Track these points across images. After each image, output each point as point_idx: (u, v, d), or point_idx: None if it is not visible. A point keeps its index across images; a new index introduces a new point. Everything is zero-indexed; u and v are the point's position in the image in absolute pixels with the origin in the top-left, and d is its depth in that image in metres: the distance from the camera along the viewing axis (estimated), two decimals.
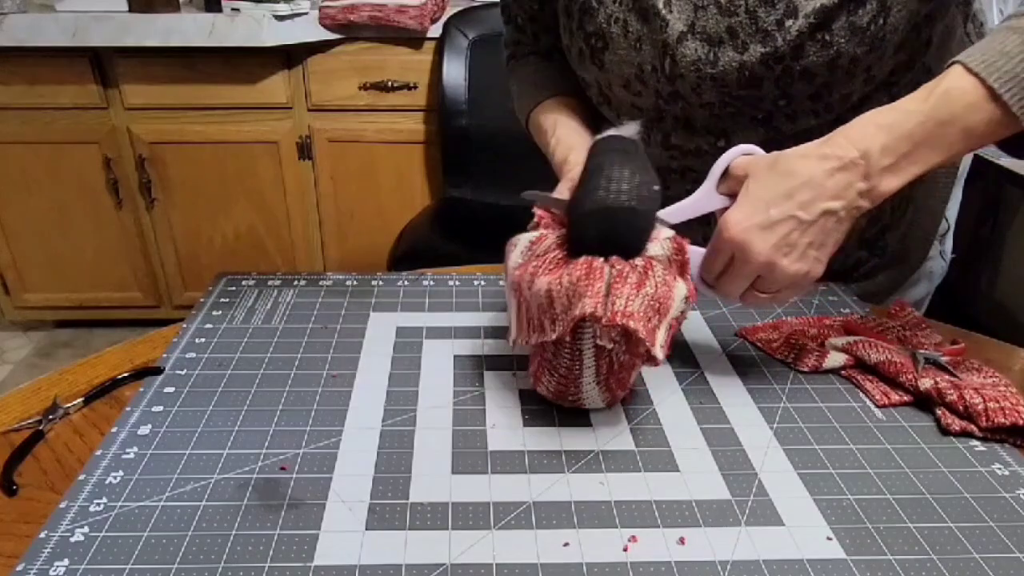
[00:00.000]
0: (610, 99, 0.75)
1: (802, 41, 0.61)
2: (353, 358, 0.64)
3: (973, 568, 0.44)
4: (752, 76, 0.64)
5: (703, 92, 0.67)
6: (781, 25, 0.61)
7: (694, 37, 0.65)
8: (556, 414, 0.57)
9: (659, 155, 0.73)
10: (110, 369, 0.62)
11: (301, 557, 0.44)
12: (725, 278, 0.56)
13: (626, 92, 0.72)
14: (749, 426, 0.56)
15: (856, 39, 0.60)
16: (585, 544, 0.45)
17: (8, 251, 2.10)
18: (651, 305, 0.50)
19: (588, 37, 0.71)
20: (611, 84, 0.72)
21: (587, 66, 0.73)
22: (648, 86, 0.69)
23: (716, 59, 0.64)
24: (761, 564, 0.44)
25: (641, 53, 0.68)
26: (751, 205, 0.54)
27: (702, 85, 0.66)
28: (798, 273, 0.54)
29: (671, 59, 0.66)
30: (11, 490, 0.49)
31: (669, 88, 0.68)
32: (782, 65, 0.62)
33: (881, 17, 0.60)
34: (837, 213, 0.54)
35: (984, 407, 0.55)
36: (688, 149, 0.72)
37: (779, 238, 0.53)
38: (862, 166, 0.53)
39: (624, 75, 0.70)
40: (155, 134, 1.95)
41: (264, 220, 2.09)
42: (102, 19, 1.76)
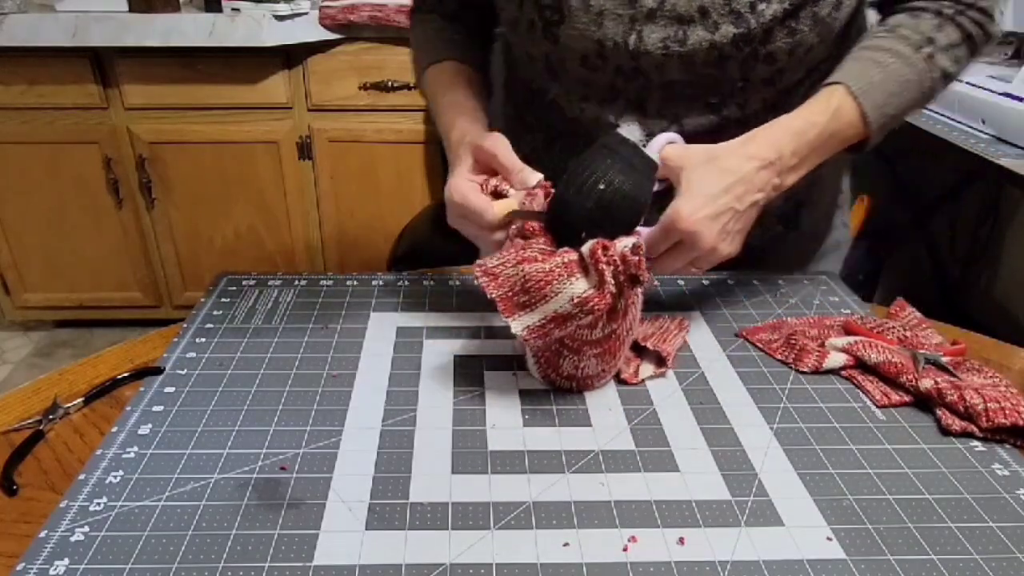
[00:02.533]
0: (558, 74, 0.72)
1: (772, 26, 0.63)
2: (353, 358, 0.64)
3: (973, 568, 0.44)
4: (721, 56, 0.65)
5: (667, 70, 0.67)
6: (754, 8, 0.63)
7: (663, 15, 0.65)
8: (556, 414, 0.57)
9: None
10: (110, 369, 0.62)
11: (301, 557, 0.44)
12: (668, 258, 0.61)
13: (582, 68, 0.69)
14: (749, 426, 0.56)
15: (816, 28, 0.65)
16: (585, 544, 0.45)
17: (8, 251, 2.10)
18: (520, 280, 0.53)
19: (542, 9, 0.67)
20: (564, 60, 0.69)
21: (537, 39, 0.69)
22: (608, 62, 0.68)
23: (685, 37, 0.65)
24: (761, 564, 0.44)
25: (603, 28, 0.66)
26: (699, 198, 0.59)
27: (667, 63, 0.67)
28: (729, 255, 0.61)
29: (638, 35, 0.66)
30: (11, 490, 0.49)
31: (631, 64, 0.68)
32: (751, 47, 0.65)
33: (836, 9, 0.65)
34: (759, 203, 0.62)
35: (984, 407, 0.55)
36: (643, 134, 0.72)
37: (721, 227, 0.59)
38: (777, 165, 0.61)
39: (582, 50, 0.68)
40: (155, 134, 1.95)
41: (264, 220, 2.09)
42: (102, 19, 1.76)
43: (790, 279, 0.80)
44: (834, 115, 0.63)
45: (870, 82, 0.64)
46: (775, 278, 0.80)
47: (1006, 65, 1.60)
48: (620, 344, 0.59)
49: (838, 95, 0.64)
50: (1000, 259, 2.00)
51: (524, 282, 0.53)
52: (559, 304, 0.53)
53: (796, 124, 0.62)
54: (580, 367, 0.58)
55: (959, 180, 1.92)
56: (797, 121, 0.63)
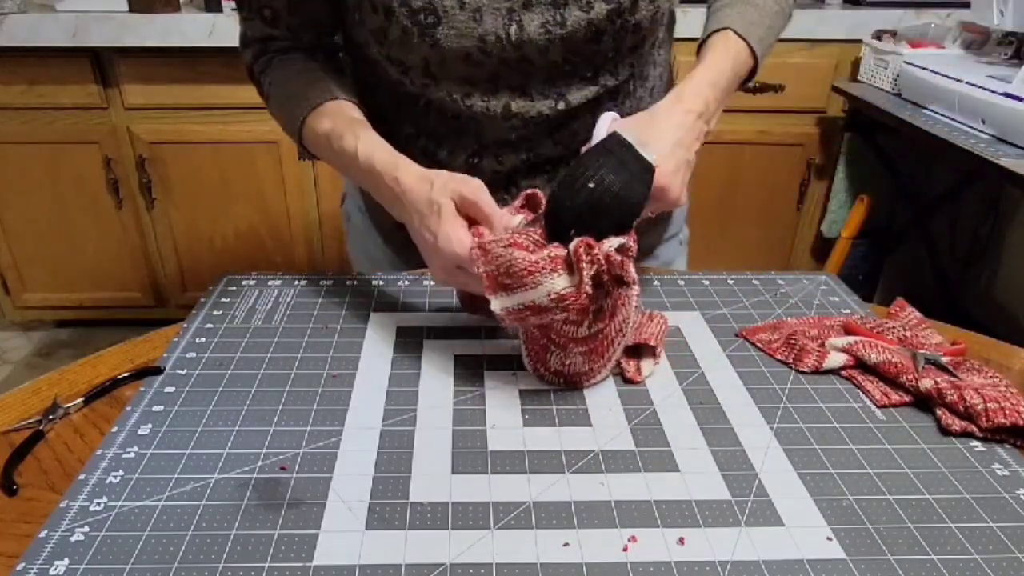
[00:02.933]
0: (437, 77, 0.71)
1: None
2: (353, 358, 0.64)
3: (973, 568, 0.44)
4: (597, 32, 0.69)
5: (550, 53, 0.70)
6: None
7: (539, 2, 0.67)
8: (556, 414, 0.57)
9: (500, 127, 0.74)
10: (110, 369, 0.62)
11: (301, 557, 0.44)
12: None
13: (463, 65, 0.69)
14: (749, 426, 0.56)
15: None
16: (585, 544, 0.45)
17: (8, 251, 2.10)
18: (507, 263, 0.54)
19: (415, 13, 0.66)
20: (444, 60, 0.69)
21: (413, 45, 0.68)
22: (491, 56, 0.69)
23: (563, 19, 0.68)
24: (761, 564, 0.44)
25: (482, 24, 0.67)
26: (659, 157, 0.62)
27: (550, 47, 0.69)
28: (684, 203, 0.68)
29: (518, 25, 0.68)
30: (11, 490, 0.49)
31: (516, 54, 0.69)
32: (621, 19, 0.69)
33: None
34: (698, 151, 0.68)
35: (984, 407, 0.55)
36: (530, 116, 0.73)
37: (681, 178, 0.65)
38: (706, 114, 0.68)
39: (463, 48, 0.68)
40: (155, 134, 1.95)
41: (264, 220, 2.09)
42: (102, 19, 1.76)
43: (790, 279, 0.80)
44: (734, 59, 0.71)
45: (750, 22, 0.73)
46: (775, 278, 0.80)
47: (1006, 65, 1.60)
48: (609, 344, 0.59)
49: (731, 40, 0.71)
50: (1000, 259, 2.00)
51: (509, 266, 0.54)
52: (537, 296, 0.53)
53: (710, 75, 0.69)
54: (567, 364, 0.59)
55: (959, 180, 1.92)
56: (710, 72, 0.69)
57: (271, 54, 0.77)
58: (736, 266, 1.57)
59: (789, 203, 2.09)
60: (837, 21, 1.88)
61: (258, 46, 0.77)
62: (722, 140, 1.98)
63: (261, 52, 0.78)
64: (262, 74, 0.78)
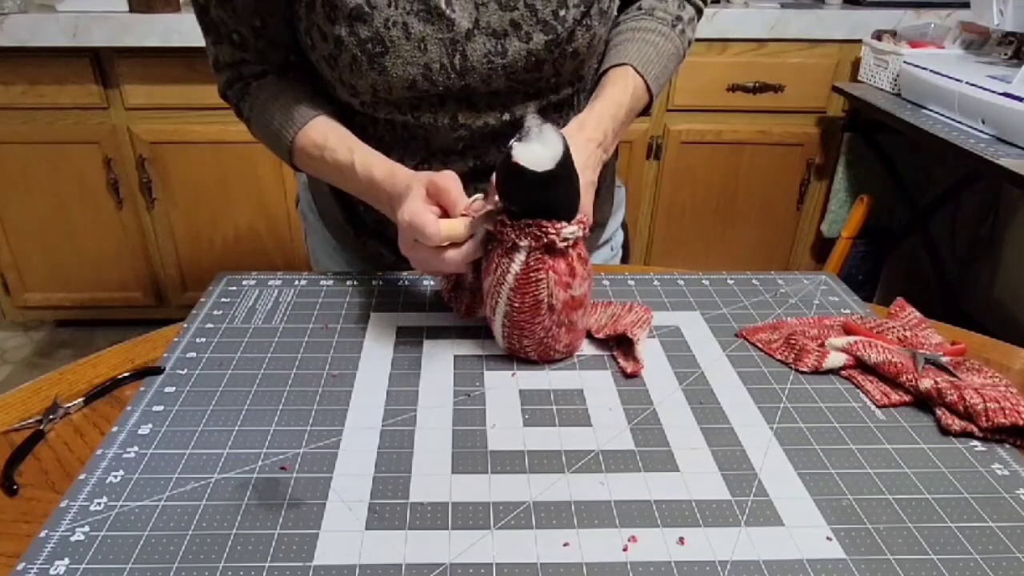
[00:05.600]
0: (386, 100, 0.74)
1: (574, 27, 0.72)
2: (353, 358, 0.64)
3: (973, 568, 0.44)
4: (537, 61, 0.73)
5: (492, 81, 0.73)
6: (557, 15, 0.71)
7: (480, 32, 0.70)
8: (556, 414, 0.57)
9: (447, 137, 0.76)
10: (110, 369, 0.62)
11: (301, 557, 0.44)
12: None
13: (409, 91, 0.72)
14: (749, 426, 0.56)
15: (603, 20, 0.75)
16: (585, 544, 0.45)
17: (8, 251, 2.10)
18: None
19: (363, 43, 0.69)
20: (391, 87, 0.71)
21: (363, 72, 0.70)
22: (436, 83, 0.72)
23: (504, 50, 0.71)
24: (761, 564, 0.44)
25: (427, 53, 0.70)
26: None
27: (492, 74, 0.72)
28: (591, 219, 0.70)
29: (461, 55, 0.71)
30: (11, 490, 0.49)
31: (460, 83, 0.72)
32: (560, 49, 0.72)
33: (612, 1, 0.76)
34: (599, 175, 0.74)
35: (984, 407, 0.55)
36: (476, 127, 0.76)
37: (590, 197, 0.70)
38: (604, 143, 0.73)
39: (409, 76, 0.70)
40: (155, 134, 1.95)
41: (264, 220, 2.09)
42: (102, 19, 1.76)
43: (790, 279, 0.80)
44: (632, 94, 0.76)
45: (648, 60, 0.78)
46: (775, 278, 0.80)
47: (1006, 65, 1.60)
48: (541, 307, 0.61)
49: (630, 75, 0.77)
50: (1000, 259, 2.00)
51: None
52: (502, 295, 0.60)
53: (609, 109, 0.74)
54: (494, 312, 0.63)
55: (959, 180, 1.92)
56: (609, 106, 0.74)
57: (246, 80, 0.79)
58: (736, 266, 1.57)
59: (789, 203, 2.09)
60: (837, 21, 1.88)
61: (230, 71, 0.79)
62: (722, 140, 1.98)
63: (235, 78, 0.79)
64: (240, 100, 0.80)
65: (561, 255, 0.60)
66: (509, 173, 0.58)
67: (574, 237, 0.60)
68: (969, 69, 1.57)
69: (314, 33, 0.71)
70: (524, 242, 0.59)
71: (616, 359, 0.64)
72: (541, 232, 0.59)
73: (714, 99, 1.95)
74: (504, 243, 0.60)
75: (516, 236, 0.59)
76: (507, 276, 0.60)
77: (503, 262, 0.61)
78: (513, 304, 0.61)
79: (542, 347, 0.63)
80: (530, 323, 0.61)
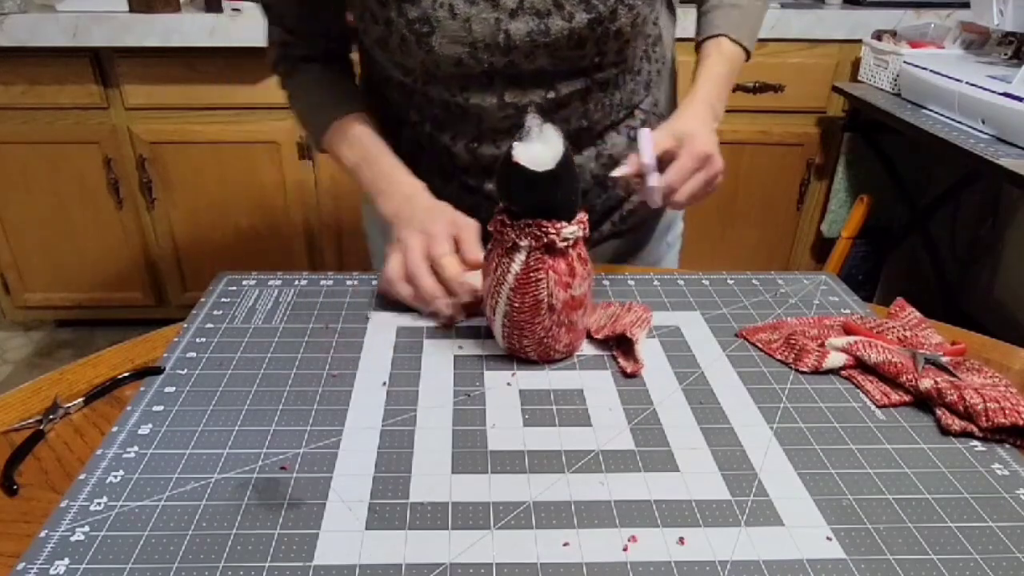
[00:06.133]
0: (436, 77, 0.77)
1: (616, 6, 0.73)
2: (353, 358, 0.64)
3: (973, 568, 0.44)
4: (579, 39, 0.74)
5: (536, 58, 0.75)
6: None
7: (524, 11, 0.72)
8: (556, 414, 0.57)
9: (495, 116, 0.79)
10: (110, 369, 0.62)
11: (301, 557, 0.44)
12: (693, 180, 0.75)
13: (456, 68, 0.75)
14: (749, 426, 0.56)
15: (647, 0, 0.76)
16: (585, 544, 0.45)
17: (9, 251, 2.10)
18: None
19: (411, 23, 0.72)
20: (438, 64, 0.74)
21: (411, 51, 0.74)
22: (481, 61, 0.74)
23: (548, 29, 0.72)
24: (761, 564, 0.44)
25: (473, 32, 0.72)
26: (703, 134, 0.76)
27: (535, 52, 0.74)
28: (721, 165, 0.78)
29: (505, 34, 0.72)
30: (11, 490, 0.49)
31: (504, 60, 0.74)
32: (602, 27, 0.73)
33: None
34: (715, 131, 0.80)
35: (984, 407, 0.55)
36: (523, 105, 0.78)
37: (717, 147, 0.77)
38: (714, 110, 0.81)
39: (456, 54, 0.73)
40: (155, 134, 1.95)
41: (264, 220, 2.09)
42: (102, 19, 1.76)
43: (790, 279, 0.80)
44: (729, 60, 0.84)
45: (738, 24, 0.85)
46: (775, 278, 0.80)
47: (1006, 65, 1.60)
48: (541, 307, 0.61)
49: (725, 44, 0.84)
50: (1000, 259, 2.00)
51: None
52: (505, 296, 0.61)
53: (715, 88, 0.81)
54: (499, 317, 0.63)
55: (959, 180, 1.92)
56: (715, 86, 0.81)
57: (294, 60, 0.87)
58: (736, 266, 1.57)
59: (789, 203, 2.09)
60: (837, 21, 1.88)
61: (280, 49, 0.87)
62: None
63: (283, 56, 0.87)
64: (287, 76, 0.88)
65: (561, 255, 0.60)
66: (509, 172, 0.58)
67: (574, 237, 0.60)
68: (969, 69, 1.57)
69: (367, 17, 0.74)
70: (524, 242, 0.59)
71: (616, 359, 0.64)
72: (541, 232, 0.59)
73: None
74: (504, 243, 0.60)
75: (516, 236, 0.59)
76: (507, 276, 0.60)
77: (503, 262, 0.61)
78: (513, 304, 0.61)
79: (542, 347, 0.63)
80: (530, 323, 0.61)
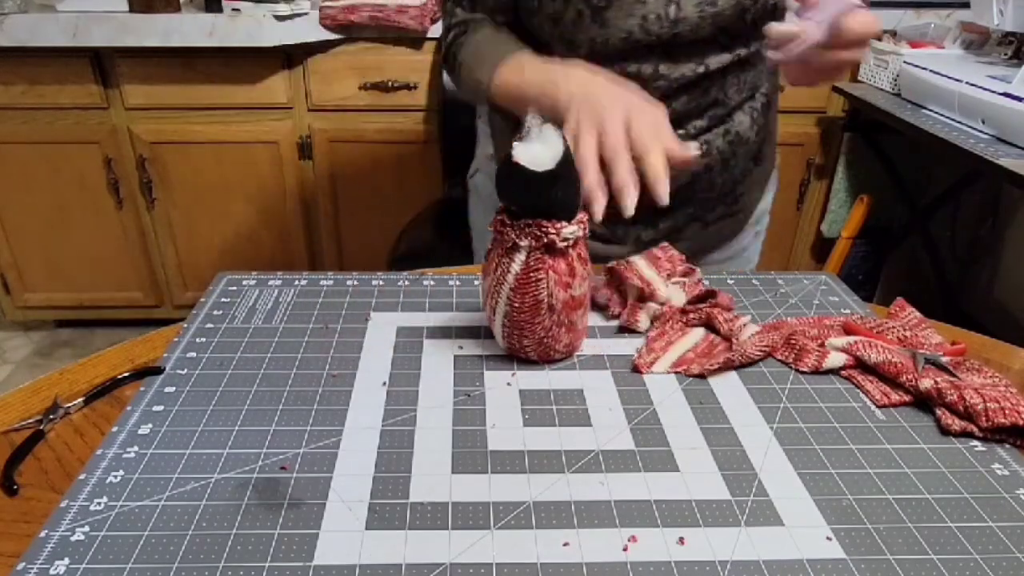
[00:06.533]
0: (600, 54, 0.78)
1: None
2: (353, 358, 0.64)
3: (973, 568, 0.44)
4: (743, 9, 0.77)
5: (700, 28, 0.78)
6: None
7: None
8: (556, 414, 0.57)
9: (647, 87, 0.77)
10: (110, 369, 0.62)
11: (301, 557, 0.44)
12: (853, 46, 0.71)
13: (625, 42, 0.78)
14: (749, 426, 0.56)
15: None
16: (585, 544, 0.45)
17: (9, 251, 2.10)
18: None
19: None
20: (609, 39, 0.78)
21: (586, 27, 0.77)
22: (651, 33, 0.77)
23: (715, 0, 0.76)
24: (761, 564, 0.44)
25: (646, 4, 0.76)
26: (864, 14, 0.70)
27: (702, 23, 0.77)
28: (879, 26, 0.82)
29: (676, 5, 0.76)
30: (11, 490, 0.49)
31: (671, 31, 0.77)
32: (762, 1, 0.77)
33: None
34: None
35: (984, 407, 0.55)
36: (674, 77, 0.80)
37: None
38: None
39: (627, 28, 0.77)
40: (155, 134, 1.96)
41: (264, 220, 2.09)
42: (102, 19, 1.76)
43: (790, 279, 0.80)
44: None
45: None
46: (775, 278, 0.80)
47: (1006, 65, 1.60)
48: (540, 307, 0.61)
49: None
50: (1000, 259, 2.00)
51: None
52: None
53: None
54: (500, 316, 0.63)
55: (959, 180, 1.92)
56: None
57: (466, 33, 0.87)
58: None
59: (789, 203, 2.09)
60: None
61: (460, 27, 0.88)
62: None
63: (462, 32, 0.88)
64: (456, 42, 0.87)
65: (561, 255, 0.60)
66: (509, 172, 0.58)
67: (574, 237, 0.60)
68: (969, 69, 1.57)
69: None
70: (524, 242, 0.59)
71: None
72: (541, 232, 0.59)
73: None
74: (504, 243, 0.60)
75: (516, 236, 0.59)
76: (507, 276, 0.60)
77: (503, 262, 0.61)
78: (513, 304, 0.61)
79: (542, 347, 0.63)
80: (530, 323, 0.61)
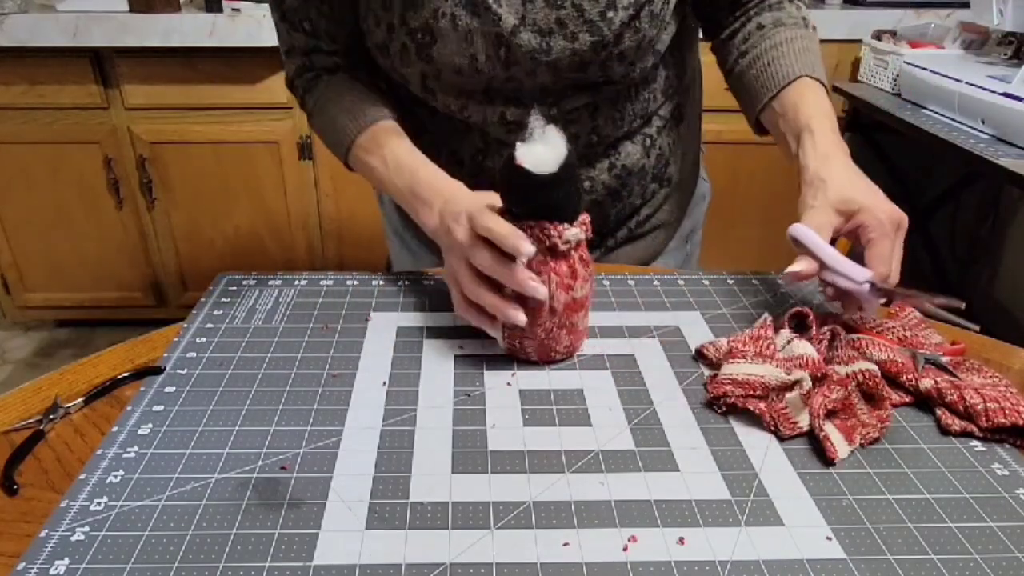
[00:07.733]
0: (435, 91, 0.75)
1: (622, 30, 0.70)
2: (353, 358, 0.64)
3: (973, 568, 0.44)
4: (582, 61, 0.72)
5: (538, 75, 0.73)
6: (604, 16, 0.69)
7: (526, 29, 0.70)
8: (556, 414, 0.57)
9: (498, 131, 0.77)
10: (111, 369, 0.62)
11: (301, 557, 0.44)
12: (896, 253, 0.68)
13: (457, 78, 0.73)
14: (749, 426, 0.56)
15: (654, 23, 0.73)
16: (585, 544, 0.45)
17: (9, 251, 2.10)
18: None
19: (413, 32, 0.71)
20: (440, 74, 0.73)
21: (412, 61, 0.72)
22: (482, 73, 0.72)
23: (549, 48, 0.71)
24: (761, 564, 0.44)
25: (474, 45, 0.71)
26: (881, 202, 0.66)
27: (537, 70, 0.72)
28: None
29: (506, 49, 0.71)
30: (11, 490, 0.49)
31: (505, 74, 0.73)
32: (606, 51, 0.71)
33: (666, 3, 0.73)
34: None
35: (984, 407, 0.55)
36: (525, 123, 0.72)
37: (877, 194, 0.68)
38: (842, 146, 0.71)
39: (456, 66, 0.72)
40: (155, 134, 1.96)
41: (264, 220, 2.09)
42: (102, 19, 1.76)
43: None
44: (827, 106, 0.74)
45: (812, 63, 0.76)
46: (775, 278, 0.80)
47: (1006, 65, 1.60)
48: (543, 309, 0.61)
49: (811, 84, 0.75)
50: (1000, 259, 2.00)
51: None
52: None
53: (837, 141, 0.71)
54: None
55: (959, 180, 1.92)
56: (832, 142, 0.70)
57: (317, 71, 0.81)
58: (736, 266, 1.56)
59: (789, 203, 2.08)
60: (837, 21, 1.88)
61: (302, 59, 0.81)
62: (722, 140, 1.98)
63: (306, 67, 0.82)
64: (306, 92, 0.82)
65: (563, 257, 0.60)
66: (511, 175, 0.58)
67: (576, 239, 0.60)
68: (969, 69, 1.57)
69: (370, 19, 0.73)
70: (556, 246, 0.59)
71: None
72: (543, 234, 0.59)
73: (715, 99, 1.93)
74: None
75: None
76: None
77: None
78: None
79: (542, 348, 0.63)
80: (531, 324, 0.61)
